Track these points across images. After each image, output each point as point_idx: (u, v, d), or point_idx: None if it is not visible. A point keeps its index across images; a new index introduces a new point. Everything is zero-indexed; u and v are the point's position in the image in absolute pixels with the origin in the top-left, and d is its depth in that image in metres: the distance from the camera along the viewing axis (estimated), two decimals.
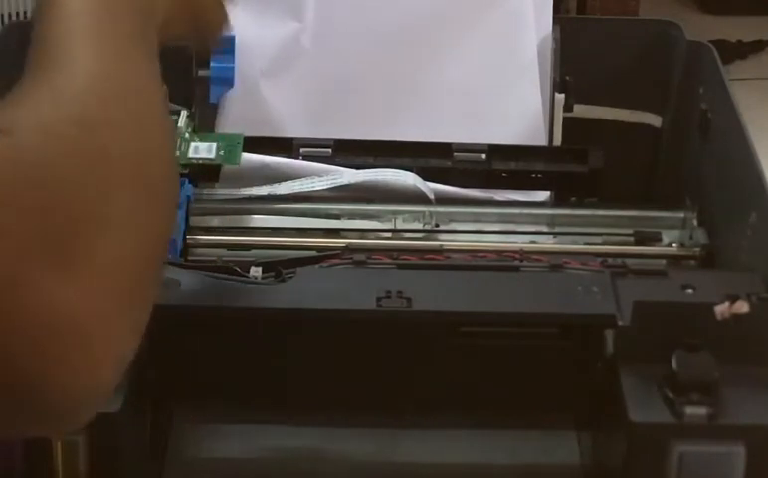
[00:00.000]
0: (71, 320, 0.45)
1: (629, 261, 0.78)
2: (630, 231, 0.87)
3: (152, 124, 0.52)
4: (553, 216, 0.90)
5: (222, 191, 0.89)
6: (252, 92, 0.94)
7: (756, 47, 1.75)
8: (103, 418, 0.64)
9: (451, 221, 0.88)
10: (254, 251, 0.83)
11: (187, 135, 0.90)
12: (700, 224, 0.87)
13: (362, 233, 0.87)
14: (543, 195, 0.95)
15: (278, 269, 0.74)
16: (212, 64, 0.93)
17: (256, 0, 0.95)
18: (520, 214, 0.89)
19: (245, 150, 0.89)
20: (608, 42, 0.99)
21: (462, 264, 0.80)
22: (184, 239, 0.83)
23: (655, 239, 0.87)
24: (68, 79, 0.50)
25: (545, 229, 0.88)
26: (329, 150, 0.92)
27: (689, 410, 0.65)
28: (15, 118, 0.48)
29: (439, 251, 0.84)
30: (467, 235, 0.87)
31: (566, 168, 0.93)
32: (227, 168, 0.89)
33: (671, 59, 0.97)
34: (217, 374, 0.73)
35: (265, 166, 0.90)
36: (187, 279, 0.71)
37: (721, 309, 0.68)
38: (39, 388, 0.45)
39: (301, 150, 0.92)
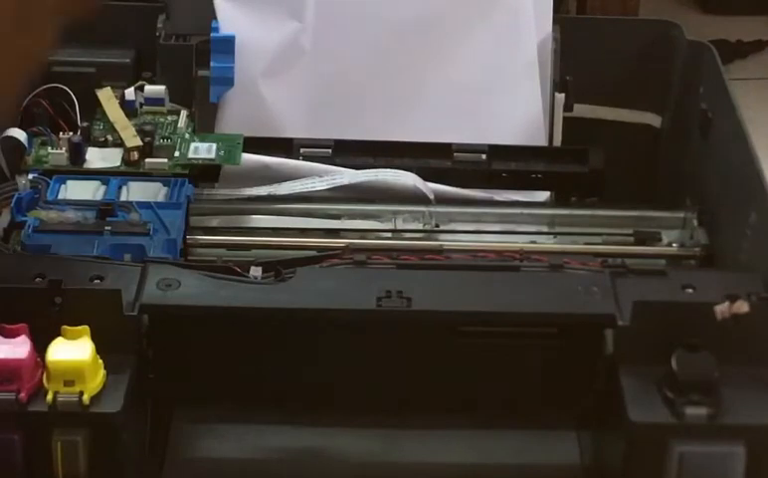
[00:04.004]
0: None
1: (629, 261, 0.78)
2: (630, 231, 0.87)
3: None
4: (553, 216, 0.89)
5: (222, 191, 0.89)
6: (252, 92, 0.94)
7: (756, 47, 1.75)
8: (103, 418, 0.65)
9: (451, 221, 0.88)
10: (254, 251, 0.83)
11: (187, 135, 0.91)
12: (700, 224, 0.87)
13: (362, 233, 0.87)
14: (543, 195, 0.95)
15: (278, 269, 0.74)
16: (212, 64, 0.93)
17: (256, 0, 0.95)
18: (520, 214, 0.89)
19: (245, 150, 0.89)
20: (608, 42, 0.99)
21: (462, 264, 0.80)
22: (184, 239, 0.83)
23: (655, 239, 0.87)
24: None
25: (545, 229, 0.88)
26: (329, 150, 0.92)
27: (689, 410, 0.65)
28: None
29: (439, 251, 0.84)
30: (467, 235, 0.87)
31: (566, 168, 0.93)
32: (227, 168, 0.89)
33: (671, 59, 0.97)
34: (217, 374, 0.73)
35: (265, 166, 0.90)
36: (187, 279, 0.71)
37: (721, 309, 0.68)
38: None
39: (301, 150, 0.92)
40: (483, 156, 0.93)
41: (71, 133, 0.89)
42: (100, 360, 0.66)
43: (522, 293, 0.73)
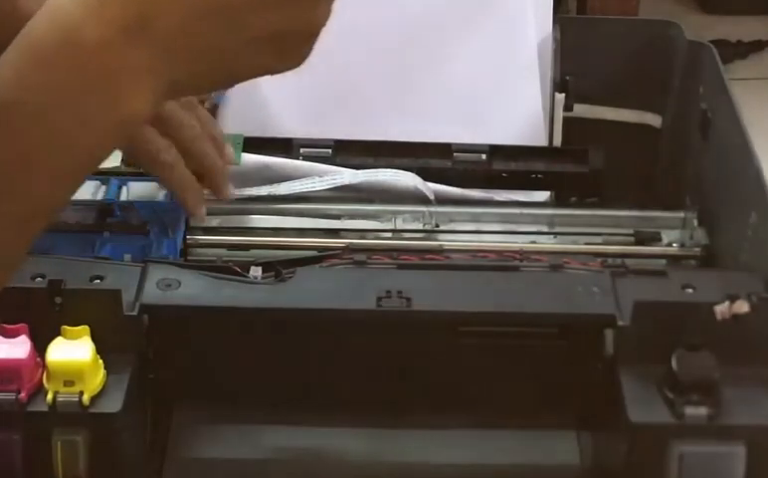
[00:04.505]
0: None
1: (629, 261, 0.78)
2: (630, 231, 0.87)
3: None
4: (553, 216, 0.90)
5: None
6: (252, 92, 0.94)
7: (756, 47, 1.75)
8: (103, 418, 0.65)
9: (451, 221, 0.88)
10: (254, 251, 0.83)
11: None
12: (700, 224, 0.87)
13: (362, 233, 0.87)
14: (543, 195, 0.95)
15: (278, 269, 0.74)
16: None
17: None
18: (520, 214, 0.89)
19: (245, 150, 0.89)
20: (608, 42, 0.99)
21: (462, 264, 0.80)
22: (184, 239, 0.83)
23: (655, 239, 0.87)
24: None
25: (545, 229, 0.88)
26: (329, 150, 0.92)
27: (689, 410, 0.65)
28: None
29: (439, 251, 0.84)
30: (467, 235, 0.87)
31: (566, 168, 0.93)
32: (227, 168, 0.89)
33: (671, 59, 0.97)
34: (217, 374, 0.74)
35: (265, 166, 0.90)
36: (187, 279, 0.71)
37: (721, 309, 0.68)
38: None
39: (301, 150, 0.92)
40: (483, 156, 0.93)
41: None
42: (100, 361, 0.66)
43: (522, 293, 0.73)
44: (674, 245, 0.87)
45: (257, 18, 0.54)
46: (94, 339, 0.66)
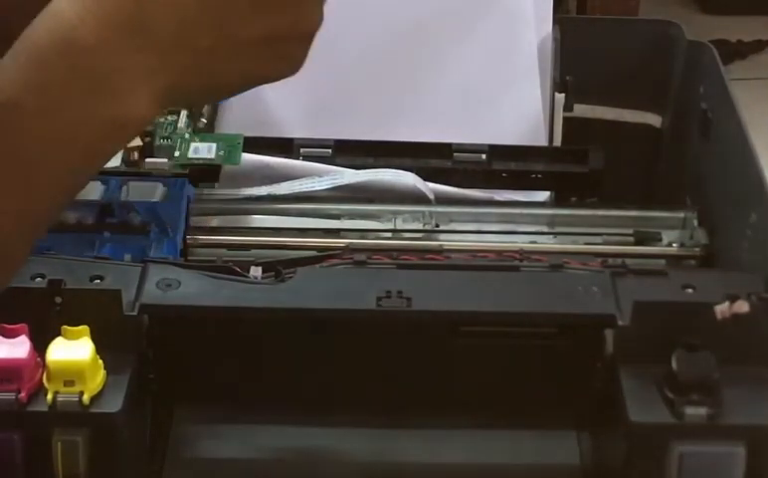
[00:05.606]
0: None
1: (629, 261, 0.77)
2: (630, 231, 0.87)
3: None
4: (553, 216, 0.90)
5: (222, 191, 0.89)
6: (252, 92, 0.94)
7: (756, 47, 1.75)
8: (103, 418, 0.65)
9: (451, 221, 0.88)
10: (254, 251, 0.83)
11: (187, 135, 0.90)
12: (700, 224, 0.87)
13: (362, 233, 0.87)
14: (543, 195, 0.95)
15: (278, 269, 0.74)
16: None
17: None
18: (520, 214, 0.89)
19: (245, 150, 0.89)
20: (608, 42, 0.99)
21: (462, 264, 0.80)
22: (184, 239, 0.83)
23: (655, 239, 0.87)
24: None
25: (545, 229, 0.88)
26: (329, 150, 0.92)
27: (689, 410, 0.65)
28: None
29: (439, 251, 0.84)
30: (467, 235, 0.87)
31: (566, 168, 0.94)
32: (227, 168, 0.89)
33: (671, 59, 0.97)
34: (217, 374, 0.73)
35: (265, 166, 0.90)
36: (187, 279, 0.71)
37: (721, 309, 0.68)
38: None
39: (301, 150, 0.92)
40: (483, 156, 0.93)
41: None
42: (100, 361, 0.66)
43: (522, 293, 0.73)
44: (674, 245, 0.87)
45: (250, 22, 0.54)
46: (93, 339, 0.66)
